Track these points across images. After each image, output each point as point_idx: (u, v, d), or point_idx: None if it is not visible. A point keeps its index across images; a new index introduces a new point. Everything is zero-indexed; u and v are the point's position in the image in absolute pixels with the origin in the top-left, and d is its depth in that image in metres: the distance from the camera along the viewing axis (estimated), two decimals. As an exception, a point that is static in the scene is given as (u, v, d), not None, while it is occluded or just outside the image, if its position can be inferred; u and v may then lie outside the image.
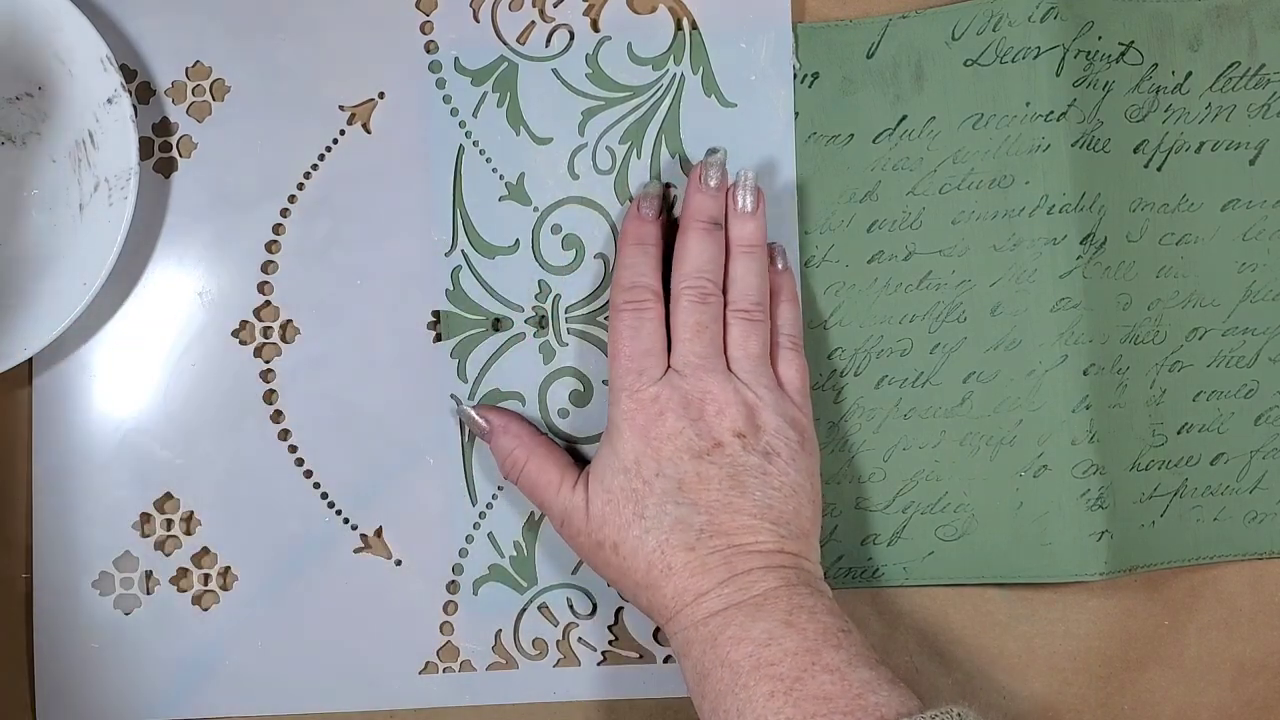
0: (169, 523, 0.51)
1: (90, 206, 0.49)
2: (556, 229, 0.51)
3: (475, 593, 0.51)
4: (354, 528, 0.51)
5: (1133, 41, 0.50)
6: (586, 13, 0.51)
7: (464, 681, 0.51)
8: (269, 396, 0.51)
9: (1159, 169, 0.50)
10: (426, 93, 0.51)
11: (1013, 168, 0.49)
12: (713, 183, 0.48)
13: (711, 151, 0.49)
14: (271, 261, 0.51)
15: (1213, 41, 0.50)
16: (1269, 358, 0.51)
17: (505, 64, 0.51)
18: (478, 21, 0.51)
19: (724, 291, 0.47)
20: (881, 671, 0.41)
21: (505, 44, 0.51)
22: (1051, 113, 0.49)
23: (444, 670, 0.51)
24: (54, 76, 0.49)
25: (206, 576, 0.51)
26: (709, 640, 0.42)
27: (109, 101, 0.48)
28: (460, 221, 0.51)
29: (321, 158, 0.51)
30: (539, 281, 0.51)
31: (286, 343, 0.51)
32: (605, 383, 0.50)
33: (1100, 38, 0.49)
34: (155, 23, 0.51)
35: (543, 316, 0.51)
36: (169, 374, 0.51)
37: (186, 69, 0.51)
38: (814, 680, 0.40)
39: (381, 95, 0.51)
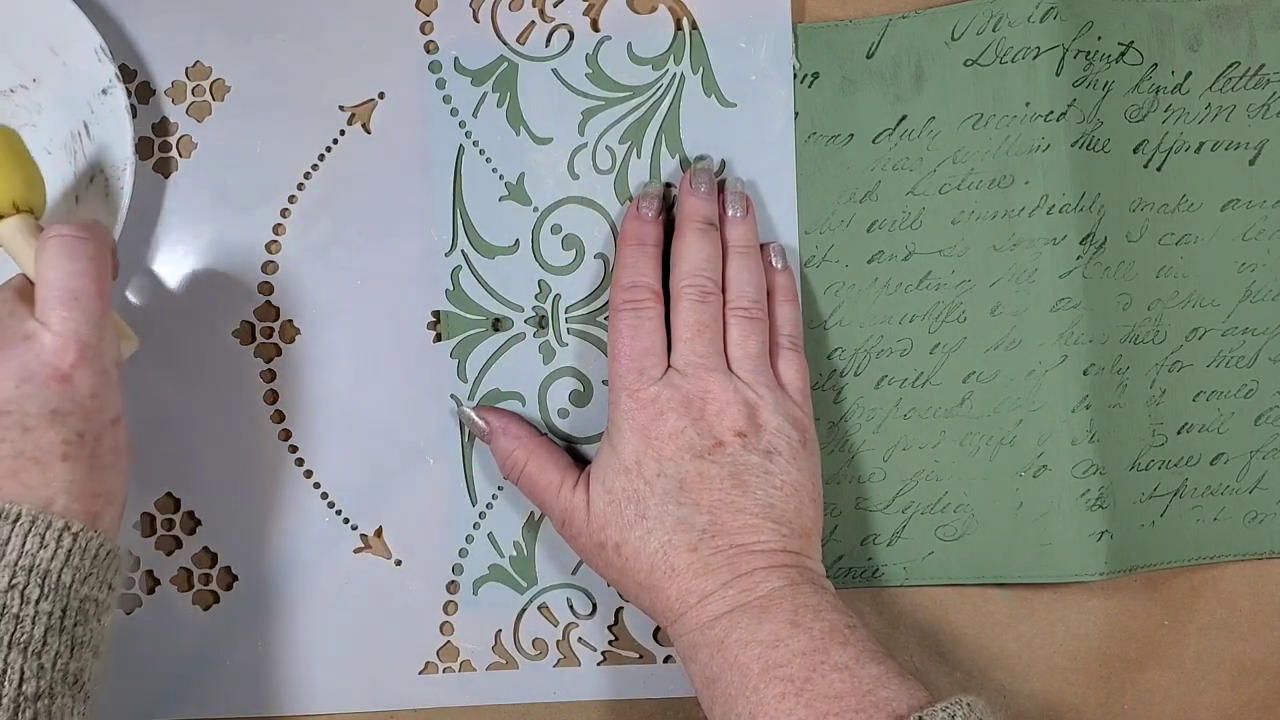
0: (169, 523, 0.51)
1: (86, 198, 0.49)
2: (556, 229, 0.51)
3: (475, 593, 0.51)
4: (354, 528, 0.51)
5: (1133, 41, 0.50)
6: (586, 13, 0.51)
7: (464, 681, 0.51)
8: (269, 396, 0.51)
9: (1159, 169, 0.50)
10: (426, 93, 0.51)
11: (1013, 168, 0.49)
12: (703, 188, 0.48)
13: (699, 159, 0.50)
14: (271, 261, 0.51)
15: (1213, 41, 0.50)
16: (1269, 358, 0.51)
17: (505, 64, 0.51)
18: (478, 21, 0.51)
19: (723, 292, 0.48)
20: (889, 665, 0.41)
21: (505, 44, 0.51)
22: (1051, 113, 0.49)
23: (444, 670, 0.51)
24: (48, 68, 0.49)
25: (207, 576, 0.51)
26: (716, 644, 0.42)
27: (104, 92, 0.48)
28: (460, 221, 0.51)
29: (321, 158, 0.51)
30: (539, 281, 0.51)
31: (286, 343, 0.51)
32: (605, 383, 0.50)
33: (1100, 38, 0.49)
34: (155, 23, 0.51)
35: (543, 316, 0.51)
36: (169, 374, 0.51)
37: (186, 69, 0.51)
38: (824, 680, 0.40)
39: (381, 95, 0.51)
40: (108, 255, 0.43)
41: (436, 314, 0.51)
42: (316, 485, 0.51)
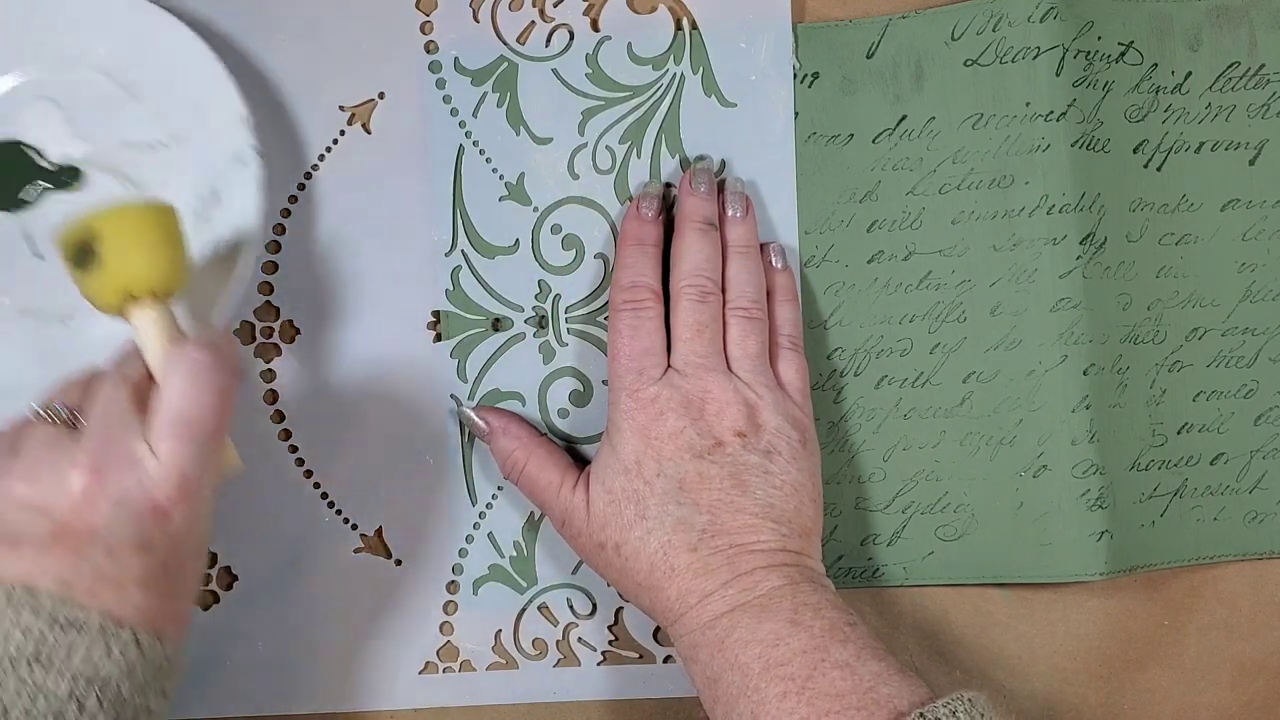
0: (169, 523, 0.51)
1: (204, 264, 0.48)
2: (556, 229, 0.51)
3: (475, 593, 0.51)
4: (354, 528, 0.51)
5: (1133, 41, 0.50)
6: (586, 13, 0.51)
7: (464, 681, 0.51)
8: (269, 396, 0.51)
9: (1159, 169, 0.50)
10: (426, 93, 0.51)
11: (1013, 168, 0.49)
12: (702, 188, 0.48)
13: (699, 159, 0.50)
14: (271, 261, 0.51)
15: (1213, 41, 0.50)
16: (1269, 358, 0.51)
17: (505, 64, 0.51)
18: (478, 21, 0.51)
19: (722, 292, 0.48)
20: (890, 662, 0.41)
21: (505, 44, 0.51)
22: (1051, 113, 0.49)
23: (444, 670, 0.51)
24: (188, 128, 0.48)
25: (207, 576, 0.51)
26: (716, 644, 0.42)
27: (239, 161, 0.47)
28: (460, 221, 0.51)
29: (321, 158, 0.51)
30: (539, 281, 0.51)
31: (286, 343, 0.51)
32: (605, 383, 0.50)
33: (1100, 38, 0.49)
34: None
35: (543, 316, 0.51)
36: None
37: (186, 69, 0.51)
38: (825, 678, 0.40)
39: (381, 95, 0.51)
40: (234, 386, 0.41)
41: (436, 314, 0.51)
42: (316, 485, 0.51)
